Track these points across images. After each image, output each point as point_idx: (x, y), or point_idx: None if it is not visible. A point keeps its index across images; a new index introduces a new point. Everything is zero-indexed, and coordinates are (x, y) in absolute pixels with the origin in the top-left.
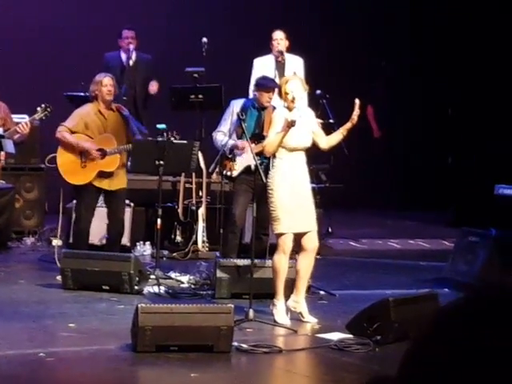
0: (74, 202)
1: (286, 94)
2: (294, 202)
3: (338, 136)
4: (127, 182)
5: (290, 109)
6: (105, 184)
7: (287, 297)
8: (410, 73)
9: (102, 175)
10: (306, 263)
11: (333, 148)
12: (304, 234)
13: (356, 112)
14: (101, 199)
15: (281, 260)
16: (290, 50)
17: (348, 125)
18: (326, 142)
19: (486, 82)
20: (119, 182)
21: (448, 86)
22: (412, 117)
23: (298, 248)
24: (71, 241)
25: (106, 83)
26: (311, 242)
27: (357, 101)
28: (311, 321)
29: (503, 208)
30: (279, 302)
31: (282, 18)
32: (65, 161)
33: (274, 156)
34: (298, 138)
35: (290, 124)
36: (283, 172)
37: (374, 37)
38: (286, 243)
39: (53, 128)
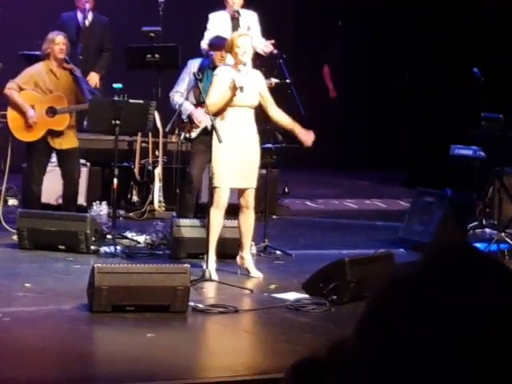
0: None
1: (237, 47)
2: (234, 159)
3: (290, 124)
4: (83, 141)
5: (237, 64)
6: (56, 143)
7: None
8: (366, 33)
9: (53, 134)
10: (244, 219)
11: (282, 126)
12: (243, 191)
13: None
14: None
15: (214, 214)
16: (244, 7)
17: (298, 132)
18: (278, 115)
19: (444, 45)
20: (70, 142)
21: (405, 49)
22: (369, 77)
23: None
24: (22, 200)
25: (58, 41)
26: (244, 199)
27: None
28: (257, 275)
29: (459, 168)
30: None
31: None
32: (14, 117)
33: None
34: (243, 97)
35: (238, 89)
36: (224, 129)
37: None
38: (221, 198)
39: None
